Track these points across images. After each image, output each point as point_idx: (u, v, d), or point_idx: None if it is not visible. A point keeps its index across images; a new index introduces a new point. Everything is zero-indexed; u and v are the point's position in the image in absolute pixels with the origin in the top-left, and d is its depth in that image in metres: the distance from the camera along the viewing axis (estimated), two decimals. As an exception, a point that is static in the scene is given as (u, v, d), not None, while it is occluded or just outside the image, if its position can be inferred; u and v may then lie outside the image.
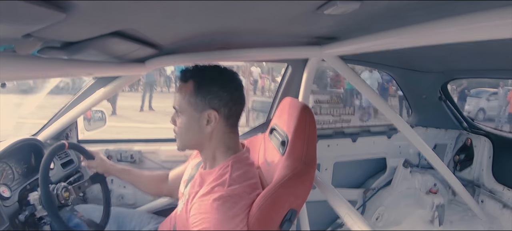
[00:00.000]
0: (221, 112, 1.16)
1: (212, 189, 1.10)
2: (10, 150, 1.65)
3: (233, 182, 1.10)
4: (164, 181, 1.63)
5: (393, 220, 2.59)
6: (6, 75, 0.84)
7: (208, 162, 1.24)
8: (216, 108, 1.15)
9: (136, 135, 7.13)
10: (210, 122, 1.16)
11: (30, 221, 1.49)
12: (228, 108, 1.17)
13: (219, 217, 1.04)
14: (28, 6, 0.49)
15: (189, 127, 1.19)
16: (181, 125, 1.21)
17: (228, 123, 1.19)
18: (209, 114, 1.15)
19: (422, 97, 2.63)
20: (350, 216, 1.32)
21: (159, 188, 1.63)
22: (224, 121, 1.17)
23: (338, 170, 2.58)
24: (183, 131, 1.21)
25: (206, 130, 1.17)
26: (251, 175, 1.17)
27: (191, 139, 1.22)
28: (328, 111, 3.30)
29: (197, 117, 1.16)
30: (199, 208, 1.08)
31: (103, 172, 1.62)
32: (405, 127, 1.95)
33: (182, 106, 1.18)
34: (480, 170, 2.61)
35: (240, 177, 1.12)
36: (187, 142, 1.24)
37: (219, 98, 1.15)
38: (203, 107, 1.15)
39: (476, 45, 1.26)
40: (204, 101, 1.15)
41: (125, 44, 1.02)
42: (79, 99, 1.98)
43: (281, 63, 2.38)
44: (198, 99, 1.15)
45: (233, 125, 1.21)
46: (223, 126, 1.18)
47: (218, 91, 1.15)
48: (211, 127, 1.16)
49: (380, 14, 0.91)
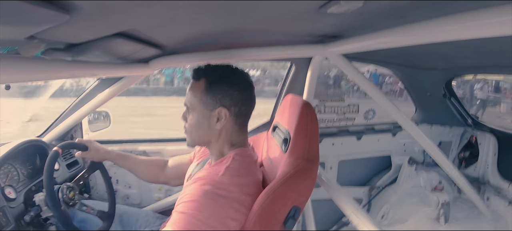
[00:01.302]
0: (231, 111, 1.17)
1: (205, 175, 1.10)
2: (15, 151, 1.66)
3: (228, 171, 1.10)
4: (162, 168, 1.63)
5: (399, 218, 2.58)
6: (10, 77, 0.84)
7: (214, 158, 1.24)
8: (227, 106, 1.16)
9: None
10: (220, 120, 1.16)
11: (35, 222, 1.50)
12: (238, 107, 1.17)
13: (205, 203, 1.03)
14: (31, 8, 0.50)
15: (200, 124, 1.20)
16: (191, 122, 1.22)
17: (237, 122, 1.19)
18: (219, 112, 1.16)
19: (427, 94, 2.62)
20: (355, 215, 1.32)
21: (156, 175, 1.63)
22: (234, 119, 1.18)
23: (343, 169, 2.57)
24: (193, 128, 1.22)
25: (215, 127, 1.18)
26: (251, 170, 1.17)
27: (200, 136, 1.22)
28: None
29: (208, 115, 1.17)
30: (188, 190, 1.08)
31: (99, 160, 1.63)
32: (409, 124, 1.95)
33: (194, 103, 1.19)
34: (486, 167, 2.60)
35: (238, 169, 1.12)
36: (197, 139, 1.24)
37: (230, 96, 1.16)
38: (214, 105, 1.16)
39: (480, 42, 1.25)
40: (215, 99, 1.16)
41: (129, 44, 1.02)
42: (84, 100, 1.99)
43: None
44: (209, 97, 1.16)
45: (242, 124, 1.22)
46: (232, 124, 1.19)
47: (229, 90, 1.16)
48: (220, 124, 1.17)
49: (383, 12, 0.91)
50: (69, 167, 1.89)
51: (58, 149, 1.47)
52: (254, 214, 1.08)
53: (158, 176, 1.63)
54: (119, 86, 1.89)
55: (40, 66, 0.92)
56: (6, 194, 1.50)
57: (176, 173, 1.59)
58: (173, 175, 1.61)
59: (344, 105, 2.46)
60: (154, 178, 1.64)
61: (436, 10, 0.83)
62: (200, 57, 1.58)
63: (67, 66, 1.05)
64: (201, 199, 1.03)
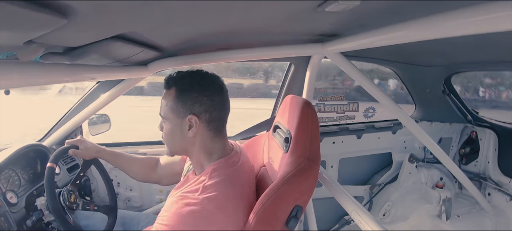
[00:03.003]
0: (202, 117, 1.16)
1: (185, 194, 1.10)
2: (15, 156, 1.66)
3: (205, 190, 1.09)
4: (153, 167, 1.64)
5: (400, 215, 2.59)
6: (9, 82, 0.84)
7: (196, 168, 1.24)
8: (197, 113, 1.15)
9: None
10: (192, 128, 1.16)
11: (37, 226, 1.50)
12: (209, 113, 1.16)
13: (181, 225, 1.03)
14: (29, 12, 0.49)
15: (173, 133, 1.20)
16: (166, 131, 1.22)
17: (210, 128, 1.18)
18: (190, 119, 1.15)
19: (426, 91, 2.61)
20: (357, 213, 1.32)
21: (147, 175, 1.63)
22: (206, 125, 1.17)
23: (344, 167, 2.57)
24: (168, 137, 1.22)
25: (188, 135, 1.17)
26: (232, 181, 1.15)
27: (175, 145, 1.23)
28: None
29: (179, 123, 1.17)
30: (169, 207, 1.09)
31: (90, 158, 1.62)
32: (410, 122, 1.95)
33: (166, 112, 1.20)
34: (486, 162, 2.60)
35: (215, 186, 1.10)
36: (173, 148, 1.25)
37: (200, 103, 1.15)
38: (184, 113, 1.16)
39: (478, 38, 1.25)
40: (185, 107, 1.15)
41: (127, 47, 1.02)
42: (83, 103, 1.99)
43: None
44: (179, 105, 1.16)
45: (217, 130, 1.20)
46: (205, 130, 1.18)
47: (198, 96, 1.15)
48: (192, 132, 1.16)
49: (380, 10, 0.91)
50: (70, 171, 1.89)
51: (52, 164, 1.47)
52: (256, 214, 1.08)
53: (149, 175, 1.63)
54: (119, 89, 1.89)
55: (39, 70, 0.92)
56: (7, 199, 1.50)
57: (168, 172, 1.60)
58: (164, 174, 1.61)
59: (344, 104, 2.46)
60: (145, 177, 1.64)
61: (433, 6, 0.83)
62: (199, 58, 1.58)
63: (66, 70, 1.05)
64: (176, 219, 1.04)
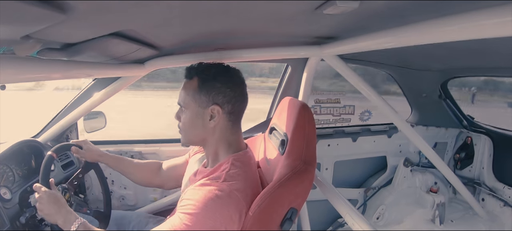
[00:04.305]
0: (224, 108, 1.18)
1: (207, 181, 1.10)
2: (10, 152, 1.65)
3: (229, 178, 1.11)
4: (156, 171, 1.63)
5: (394, 219, 2.59)
6: (5, 77, 0.83)
7: (210, 159, 1.25)
8: (220, 103, 1.17)
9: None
10: (214, 117, 1.18)
11: (31, 223, 1.48)
12: (231, 104, 1.19)
13: (208, 210, 1.04)
14: (26, 6, 0.49)
15: (193, 122, 1.21)
16: (185, 121, 1.23)
17: (230, 119, 1.20)
18: (212, 109, 1.17)
19: (422, 95, 2.62)
20: (350, 216, 1.32)
21: (150, 179, 1.63)
22: (227, 116, 1.19)
23: (339, 170, 2.58)
24: (187, 126, 1.23)
25: (209, 125, 1.19)
26: (249, 175, 1.18)
27: (195, 134, 1.24)
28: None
29: (201, 113, 1.19)
30: (192, 195, 1.08)
31: (92, 161, 1.61)
32: (405, 126, 1.95)
33: (187, 102, 1.21)
34: (481, 168, 2.61)
35: (237, 176, 1.13)
36: (192, 137, 1.26)
37: (223, 94, 1.17)
38: (206, 103, 1.18)
39: (476, 43, 1.26)
40: (208, 97, 1.17)
41: (125, 45, 1.02)
42: (79, 100, 1.98)
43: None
44: (202, 95, 1.18)
45: (236, 121, 1.23)
46: (226, 121, 1.20)
47: (221, 88, 1.17)
48: (214, 122, 1.18)
49: (379, 13, 0.91)
50: (65, 168, 1.88)
51: (53, 153, 1.46)
52: (252, 215, 1.08)
53: (152, 179, 1.63)
54: (115, 86, 1.88)
55: (35, 66, 0.91)
56: (1, 195, 1.49)
57: (172, 176, 1.59)
58: (168, 178, 1.60)
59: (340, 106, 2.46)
60: (148, 182, 1.64)
61: (431, 11, 0.83)
62: (196, 58, 1.57)
63: (63, 66, 1.05)
64: (202, 204, 1.04)
